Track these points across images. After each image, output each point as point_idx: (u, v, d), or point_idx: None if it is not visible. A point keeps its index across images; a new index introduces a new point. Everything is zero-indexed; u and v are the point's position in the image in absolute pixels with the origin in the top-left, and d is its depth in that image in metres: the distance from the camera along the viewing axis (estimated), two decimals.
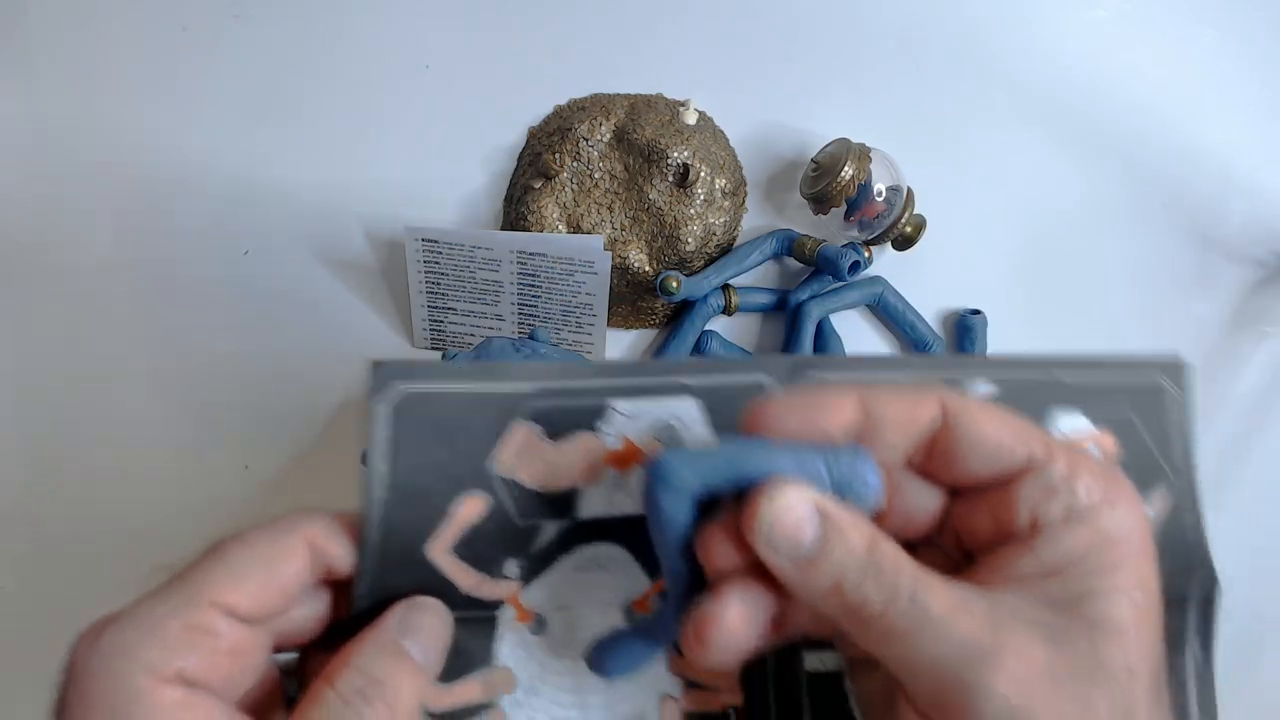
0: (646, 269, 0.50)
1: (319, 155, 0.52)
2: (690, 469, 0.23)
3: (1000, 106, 0.52)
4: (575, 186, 0.50)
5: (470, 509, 0.26)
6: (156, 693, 0.22)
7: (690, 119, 0.49)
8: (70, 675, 0.22)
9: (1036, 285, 0.52)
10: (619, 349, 0.53)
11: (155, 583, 0.24)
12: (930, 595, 0.22)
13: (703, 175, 0.49)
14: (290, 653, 0.27)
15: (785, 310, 0.51)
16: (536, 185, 0.50)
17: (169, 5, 0.52)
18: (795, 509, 0.22)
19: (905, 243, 0.50)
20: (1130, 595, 0.23)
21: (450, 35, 0.52)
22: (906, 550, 0.23)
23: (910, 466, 0.25)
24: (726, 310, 0.50)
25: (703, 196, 0.49)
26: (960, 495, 0.26)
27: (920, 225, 0.50)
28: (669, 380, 0.28)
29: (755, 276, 0.52)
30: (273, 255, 0.51)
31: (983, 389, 0.28)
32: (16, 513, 0.50)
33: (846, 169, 0.47)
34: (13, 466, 0.50)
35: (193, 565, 0.24)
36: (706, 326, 0.51)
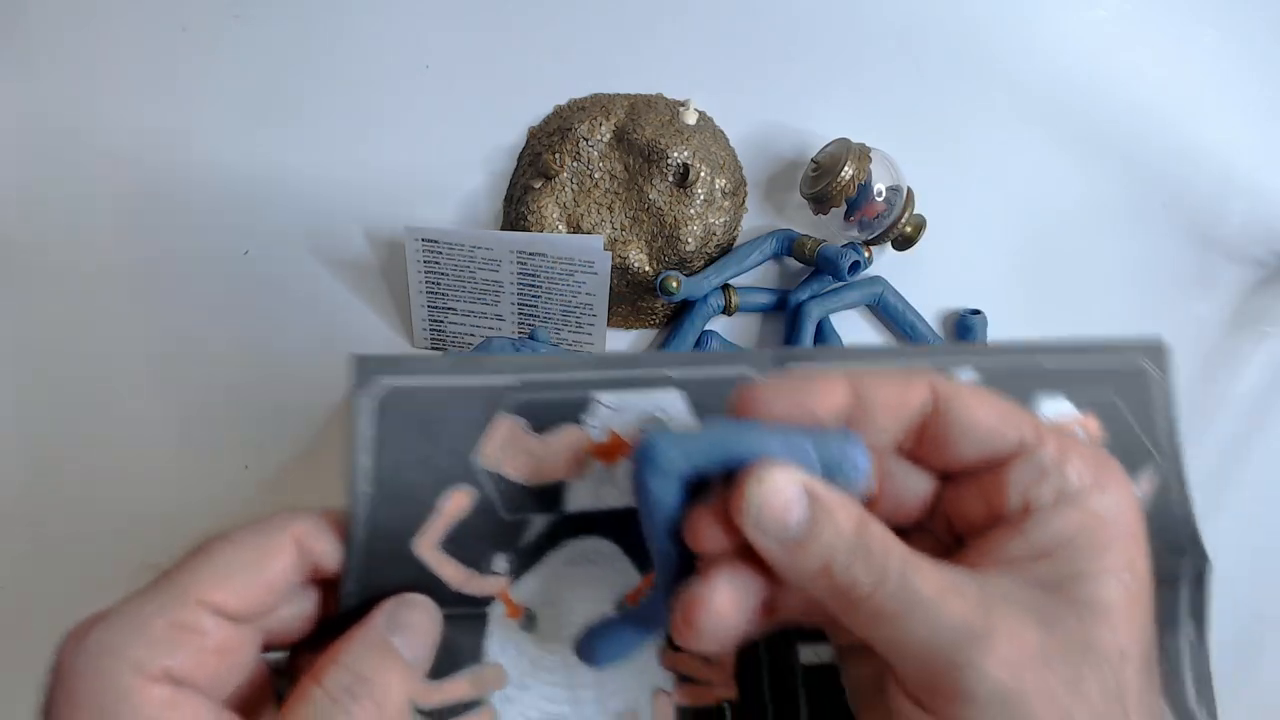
0: (646, 269, 0.49)
1: (319, 155, 0.52)
2: (678, 451, 0.23)
3: (1000, 106, 0.52)
4: (575, 186, 0.50)
5: (457, 503, 0.26)
6: (143, 691, 0.22)
7: (690, 119, 0.49)
8: (57, 674, 0.22)
9: (1036, 285, 0.52)
10: (619, 349, 0.53)
11: (143, 581, 0.24)
12: (920, 577, 0.22)
13: (703, 175, 0.49)
14: (281, 651, 0.27)
15: (785, 310, 0.51)
16: (536, 185, 0.50)
17: (169, 5, 0.52)
18: (784, 490, 0.22)
19: (905, 243, 0.50)
20: (1120, 577, 0.22)
21: (450, 35, 0.52)
22: (897, 535, 0.23)
23: (900, 452, 0.25)
24: (726, 310, 0.50)
25: (703, 196, 0.49)
26: (951, 479, 0.25)
27: (920, 225, 0.50)
28: (653, 373, 0.27)
29: (755, 276, 0.52)
30: (273, 255, 0.51)
31: (966, 376, 0.28)
32: (16, 513, 0.50)
33: (846, 169, 0.47)
34: (13, 466, 0.50)
35: (179, 564, 0.24)
36: (706, 326, 0.51)
